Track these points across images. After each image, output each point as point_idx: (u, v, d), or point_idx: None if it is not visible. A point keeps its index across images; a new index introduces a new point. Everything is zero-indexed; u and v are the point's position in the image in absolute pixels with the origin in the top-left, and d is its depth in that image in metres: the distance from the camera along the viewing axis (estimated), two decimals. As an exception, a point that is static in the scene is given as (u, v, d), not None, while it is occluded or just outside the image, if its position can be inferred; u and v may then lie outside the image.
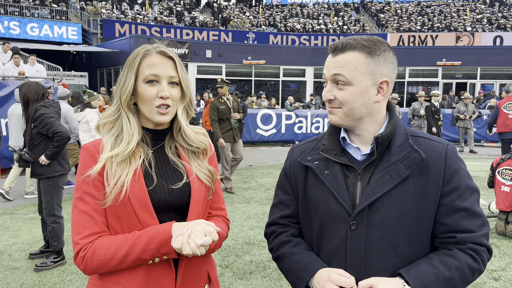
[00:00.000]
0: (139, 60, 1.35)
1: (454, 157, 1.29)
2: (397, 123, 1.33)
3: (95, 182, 1.33)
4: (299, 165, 1.41)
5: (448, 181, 1.26)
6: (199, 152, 1.48)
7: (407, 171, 1.24)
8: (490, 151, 12.99)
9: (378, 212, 1.25)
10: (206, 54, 21.41)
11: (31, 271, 4.13)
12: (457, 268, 1.21)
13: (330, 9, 35.65)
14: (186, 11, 30.94)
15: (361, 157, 1.33)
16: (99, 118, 1.44)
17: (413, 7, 34.82)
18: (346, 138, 1.35)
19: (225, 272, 4.08)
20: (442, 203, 1.26)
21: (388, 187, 1.24)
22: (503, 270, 4.15)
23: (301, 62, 22.74)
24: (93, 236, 1.31)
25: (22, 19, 22.16)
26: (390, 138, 1.29)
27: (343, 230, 1.28)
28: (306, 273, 1.30)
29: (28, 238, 5.04)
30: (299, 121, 14.69)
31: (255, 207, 6.46)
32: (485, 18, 30.99)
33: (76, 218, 1.33)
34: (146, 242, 1.27)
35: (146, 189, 1.33)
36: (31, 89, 4.24)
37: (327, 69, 1.31)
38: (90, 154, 1.37)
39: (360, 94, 1.27)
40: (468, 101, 12.85)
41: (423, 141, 1.31)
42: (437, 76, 22.95)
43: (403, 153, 1.27)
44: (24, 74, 9.65)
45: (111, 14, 26.59)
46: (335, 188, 1.29)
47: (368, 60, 1.26)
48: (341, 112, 1.30)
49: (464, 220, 1.25)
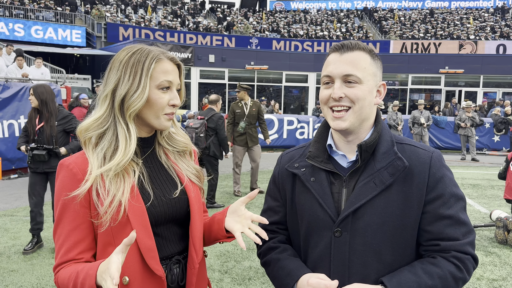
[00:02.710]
0: (154, 65, 1.27)
1: (438, 164, 1.28)
2: (382, 130, 1.32)
3: (78, 206, 1.22)
4: (287, 172, 1.42)
5: (432, 189, 1.25)
6: (185, 153, 1.46)
7: (391, 179, 1.24)
8: (492, 159, 12.94)
9: (362, 219, 1.25)
10: (209, 59, 21.46)
11: (30, 273, 4.12)
12: (439, 277, 1.20)
13: (334, 15, 35.74)
14: (190, 16, 31.08)
15: (347, 164, 1.33)
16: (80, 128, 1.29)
17: (417, 15, 34.89)
18: (332, 145, 1.36)
19: (224, 277, 4.06)
20: (426, 210, 1.26)
21: (372, 194, 1.24)
22: (504, 279, 4.12)
23: (304, 67, 22.76)
24: (62, 264, 1.23)
25: (26, 21, 22.30)
26: (374, 145, 1.29)
27: (327, 236, 1.29)
28: (290, 279, 1.30)
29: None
30: (301, 127, 14.69)
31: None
32: (488, 27, 31.00)
33: (55, 242, 1.27)
34: (81, 282, 1.14)
35: (144, 206, 1.25)
36: (47, 89, 4.64)
37: (335, 66, 1.27)
38: (71, 173, 1.24)
39: (368, 93, 1.27)
40: (468, 110, 12.82)
41: (408, 148, 1.31)
42: (440, 83, 22.93)
43: (387, 161, 1.27)
44: (27, 76, 9.69)
45: (115, 18, 26.73)
46: (320, 195, 1.30)
47: (372, 62, 1.30)
48: (351, 114, 1.27)
49: (448, 228, 1.24)
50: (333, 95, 1.26)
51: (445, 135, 14.65)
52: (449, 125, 14.60)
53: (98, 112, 1.27)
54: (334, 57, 1.29)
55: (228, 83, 22.34)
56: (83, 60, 25.32)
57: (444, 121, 14.81)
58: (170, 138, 1.41)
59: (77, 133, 1.29)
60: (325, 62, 1.32)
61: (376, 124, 1.34)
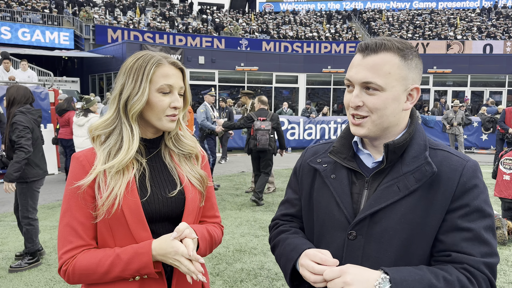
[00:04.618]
0: (154, 69, 1.34)
1: (471, 174, 1.16)
2: (415, 133, 1.23)
3: (84, 194, 1.31)
4: (309, 166, 1.37)
5: (458, 198, 1.14)
6: (191, 157, 1.50)
7: (416, 184, 1.15)
8: (481, 158, 13.08)
9: (380, 223, 1.17)
10: (199, 60, 21.42)
11: (18, 279, 4.06)
12: (445, 280, 1.07)
13: (323, 16, 35.89)
14: (179, 18, 30.98)
15: (372, 165, 1.26)
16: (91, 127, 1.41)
17: (405, 15, 35.19)
18: (358, 142, 1.29)
19: (215, 280, 4.04)
20: (445, 219, 1.15)
21: (393, 198, 1.16)
22: (494, 277, 4.15)
23: (293, 69, 22.83)
24: (75, 250, 1.30)
25: (13, 24, 22.04)
26: (404, 147, 1.20)
27: (341, 238, 1.22)
28: (295, 253, 1.24)
29: (16, 246, 4.96)
30: (292, 128, 14.70)
31: (247, 214, 6.42)
32: (475, 27, 31.39)
33: (61, 231, 1.33)
34: (125, 262, 1.27)
35: (139, 201, 1.32)
36: (19, 92, 4.28)
37: (355, 71, 1.18)
38: (80, 165, 1.35)
39: (392, 101, 1.17)
40: (456, 108, 12.99)
41: (441, 154, 1.21)
42: (428, 83, 23.15)
43: (415, 165, 1.17)
44: (14, 79, 9.56)
45: (103, 19, 26.53)
46: (339, 193, 1.24)
47: (402, 64, 1.17)
48: (369, 122, 1.18)
49: (464, 242, 1.12)
50: (351, 103, 1.19)
51: (434, 134, 14.78)
52: (438, 124, 14.75)
53: (107, 114, 1.39)
54: (357, 59, 1.20)
55: (218, 85, 22.31)
56: (72, 63, 25.09)
57: (433, 121, 14.95)
58: (178, 140, 1.46)
59: (88, 130, 1.41)
60: (351, 62, 1.23)
61: (410, 126, 1.24)
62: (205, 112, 7.88)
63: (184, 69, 1.43)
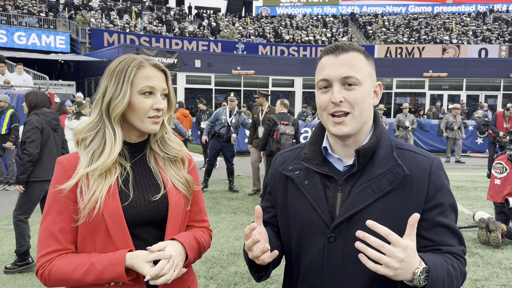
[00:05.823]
0: (135, 71, 1.34)
1: (439, 173, 1.25)
2: (381, 134, 1.28)
3: (65, 199, 1.32)
4: (280, 174, 1.38)
5: (432, 197, 1.23)
6: (177, 161, 1.49)
7: (389, 186, 1.21)
8: (476, 162, 13.14)
9: (357, 225, 1.19)
10: (195, 64, 21.43)
11: (12, 283, 4.04)
12: (453, 266, 1.19)
13: (319, 20, 36.03)
14: (176, 21, 31.02)
15: (343, 168, 1.29)
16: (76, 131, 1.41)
17: (400, 20, 35.37)
18: (327, 148, 1.32)
19: (209, 283, 4.04)
20: (425, 218, 1.22)
21: (368, 201, 1.21)
22: (486, 279, 4.17)
23: (290, 72, 22.87)
24: (52, 254, 1.31)
25: (9, 27, 21.99)
26: (373, 150, 1.25)
27: (321, 242, 1.25)
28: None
29: (10, 249, 4.93)
30: (288, 131, 14.71)
31: (242, 217, 6.42)
32: (471, 31, 31.58)
33: (41, 234, 1.34)
34: (99, 271, 1.27)
35: (120, 205, 1.32)
36: (38, 97, 4.49)
37: (332, 69, 1.22)
38: (63, 169, 1.35)
39: (367, 95, 1.24)
40: (456, 112, 12.99)
41: (408, 154, 1.27)
42: (424, 87, 23.24)
43: (386, 167, 1.23)
44: (9, 83, 9.53)
45: (99, 23, 26.53)
46: (314, 199, 1.26)
47: (367, 62, 1.25)
48: (351, 119, 1.22)
49: (445, 236, 1.23)
50: (333, 99, 1.21)
51: (429, 138, 14.83)
52: (433, 128, 14.79)
53: (91, 117, 1.39)
54: (328, 59, 1.23)
55: (215, 88, 22.32)
56: (68, 66, 25.05)
57: (429, 124, 15.00)
58: (164, 143, 1.46)
59: (73, 133, 1.41)
60: (318, 65, 1.27)
61: (375, 128, 1.29)
62: (217, 114, 8.23)
63: (167, 71, 1.43)
